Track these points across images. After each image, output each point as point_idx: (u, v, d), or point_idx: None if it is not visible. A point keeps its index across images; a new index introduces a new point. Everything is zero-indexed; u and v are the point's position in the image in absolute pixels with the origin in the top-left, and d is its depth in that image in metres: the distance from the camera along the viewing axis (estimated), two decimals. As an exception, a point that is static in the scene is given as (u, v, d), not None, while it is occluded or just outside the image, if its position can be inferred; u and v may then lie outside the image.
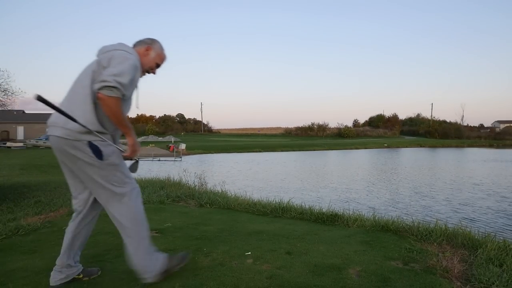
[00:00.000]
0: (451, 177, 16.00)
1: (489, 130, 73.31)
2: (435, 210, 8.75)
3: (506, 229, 6.91)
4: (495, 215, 8.25)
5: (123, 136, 2.15)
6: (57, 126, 2.00)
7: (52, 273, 2.21)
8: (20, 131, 48.29)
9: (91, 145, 1.98)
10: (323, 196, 10.78)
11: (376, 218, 4.04)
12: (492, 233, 3.46)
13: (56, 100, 2.08)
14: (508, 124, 74.58)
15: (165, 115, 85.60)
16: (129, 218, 2.13)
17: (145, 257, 2.19)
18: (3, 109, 30.39)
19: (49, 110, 1.97)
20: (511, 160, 25.83)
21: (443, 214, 8.21)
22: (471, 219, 7.66)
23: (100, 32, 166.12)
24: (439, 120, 75.48)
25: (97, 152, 2.00)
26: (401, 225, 3.67)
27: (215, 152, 34.62)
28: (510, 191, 11.90)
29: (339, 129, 72.17)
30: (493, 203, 9.79)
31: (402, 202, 10.00)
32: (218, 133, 79.74)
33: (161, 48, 2.31)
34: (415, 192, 11.77)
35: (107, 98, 1.90)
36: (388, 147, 46.51)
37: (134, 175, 2.27)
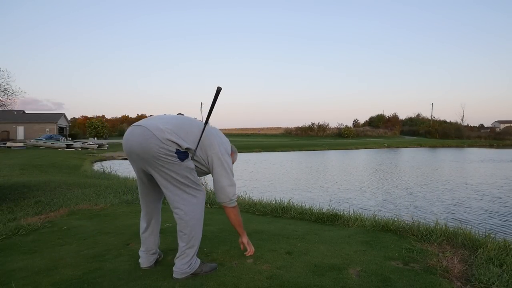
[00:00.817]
0: (446, 177, 15.96)
1: (489, 130, 73.36)
2: (427, 211, 8.70)
3: (497, 230, 6.85)
4: (484, 216, 8.21)
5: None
6: (156, 127, 2.21)
7: (146, 257, 2.54)
8: (20, 131, 48.30)
9: (178, 152, 2.22)
10: (318, 197, 10.78)
11: (376, 218, 4.04)
12: (492, 233, 3.46)
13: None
14: (508, 124, 74.61)
15: (165, 114, 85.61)
16: (192, 217, 2.31)
17: (188, 256, 2.34)
18: (3, 109, 30.39)
19: (47, 110, 1.99)
20: (508, 160, 25.78)
21: (435, 214, 8.15)
22: (462, 221, 7.59)
23: (101, 31, 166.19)
24: (439, 120, 75.54)
25: (181, 156, 2.23)
26: (401, 225, 3.67)
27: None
28: (501, 191, 11.85)
29: (339, 129, 72.22)
30: (484, 203, 9.74)
31: (393, 203, 9.96)
32: (218, 133, 79.65)
33: (236, 158, 2.72)
34: (408, 193, 11.70)
35: (231, 209, 2.52)
36: (388, 147, 46.53)
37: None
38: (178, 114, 2.66)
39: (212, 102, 2.29)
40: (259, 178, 15.79)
